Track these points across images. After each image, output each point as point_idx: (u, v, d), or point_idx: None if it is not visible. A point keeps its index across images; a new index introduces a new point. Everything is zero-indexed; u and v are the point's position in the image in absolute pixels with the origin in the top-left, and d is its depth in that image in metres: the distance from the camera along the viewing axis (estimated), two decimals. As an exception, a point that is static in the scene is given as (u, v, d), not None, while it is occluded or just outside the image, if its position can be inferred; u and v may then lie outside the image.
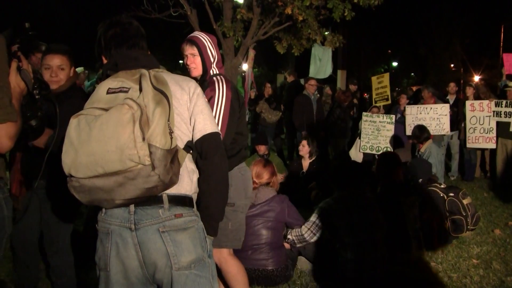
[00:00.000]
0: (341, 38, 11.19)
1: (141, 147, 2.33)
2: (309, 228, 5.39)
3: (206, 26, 10.25)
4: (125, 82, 2.56)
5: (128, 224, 2.56)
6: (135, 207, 2.55)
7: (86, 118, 2.42)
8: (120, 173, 2.37)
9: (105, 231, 2.62)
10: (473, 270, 5.76)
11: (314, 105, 11.70)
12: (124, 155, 2.33)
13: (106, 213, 2.62)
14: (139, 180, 2.38)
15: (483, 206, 8.80)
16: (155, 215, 2.56)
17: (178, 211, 2.61)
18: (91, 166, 2.37)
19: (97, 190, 2.42)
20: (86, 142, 2.37)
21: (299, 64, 22.40)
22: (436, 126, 11.01)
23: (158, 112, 2.40)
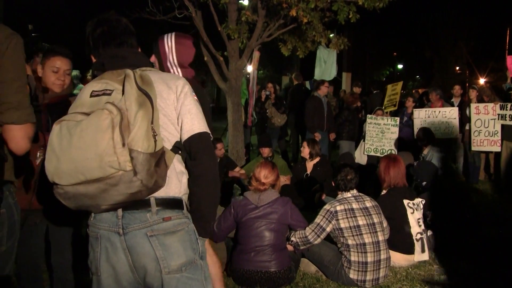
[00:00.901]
0: (346, 40, 11.18)
1: (121, 153, 2.29)
2: (313, 229, 5.39)
3: (211, 28, 10.27)
4: (109, 84, 2.49)
5: (116, 228, 2.53)
6: (123, 211, 2.52)
7: (68, 124, 2.39)
8: (101, 179, 2.33)
9: (95, 236, 2.60)
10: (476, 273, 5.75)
11: (325, 107, 11.74)
12: (103, 162, 2.29)
13: (95, 218, 2.59)
14: (122, 186, 2.35)
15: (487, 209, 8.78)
16: (143, 219, 2.52)
17: (167, 214, 2.56)
18: (73, 173, 2.35)
19: (81, 196, 2.40)
20: (67, 149, 2.34)
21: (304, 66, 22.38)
22: (445, 130, 11.02)
23: (140, 115, 2.35)
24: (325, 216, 5.40)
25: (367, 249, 5.31)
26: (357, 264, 5.30)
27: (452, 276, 5.67)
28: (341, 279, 5.41)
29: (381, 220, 5.56)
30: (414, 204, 6.10)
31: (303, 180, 9.05)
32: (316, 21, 9.58)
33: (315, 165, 9.05)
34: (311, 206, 7.92)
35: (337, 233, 5.43)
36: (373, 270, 5.32)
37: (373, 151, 11.48)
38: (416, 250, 5.97)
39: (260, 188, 5.43)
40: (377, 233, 5.41)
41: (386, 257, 5.46)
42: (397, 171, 6.20)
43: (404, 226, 5.97)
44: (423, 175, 7.33)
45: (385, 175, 6.24)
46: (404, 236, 5.95)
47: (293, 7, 8.99)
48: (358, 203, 5.50)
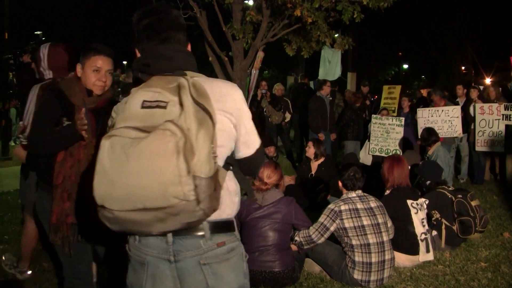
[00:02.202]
0: (350, 40, 11.17)
1: (186, 182, 2.04)
2: (317, 229, 5.39)
3: (215, 28, 10.28)
4: (161, 94, 2.21)
5: (166, 255, 2.32)
6: (173, 237, 2.30)
7: (121, 142, 2.11)
8: (161, 209, 2.08)
9: (140, 261, 2.38)
10: (481, 273, 5.73)
11: (327, 107, 11.76)
12: (167, 192, 2.04)
13: (141, 242, 2.37)
14: (182, 216, 2.11)
15: (492, 209, 8.76)
16: (196, 246, 2.32)
17: (220, 239, 2.36)
18: (129, 200, 2.09)
19: (134, 223, 2.16)
20: (122, 173, 2.09)
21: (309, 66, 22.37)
22: (448, 129, 10.99)
23: (201, 136, 2.09)
24: (329, 216, 5.40)
25: (372, 249, 5.31)
26: (361, 265, 5.30)
27: (458, 276, 5.66)
28: (345, 279, 5.41)
29: (386, 220, 5.56)
30: (417, 204, 6.10)
31: (308, 180, 9.05)
32: (321, 21, 9.58)
33: (320, 165, 9.05)
34: (316, 206, 7.92)
35: (341, 233, 5.42)
36: (378, 271, 5.31)
37: (378, 151, 11.48)
38: (420, 251, 5.97)
39: (262, 187, 5.43)
40: (381, 234, 5.41)
41: (391, 257, 5.46)
42: (401, 171, 6.20)
43: (408, 227, 5.97)
44: (428, 175, 7.32)
45: (389, 175, 6.24)
46: (408, 236, 5.95)
47: (298, 7, 8.99)
48: (362, 203, 5.50)
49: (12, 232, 7.00)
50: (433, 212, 6.51)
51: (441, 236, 6.52)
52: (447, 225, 6.54)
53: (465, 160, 11.80)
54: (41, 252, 6.17)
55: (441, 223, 6.52)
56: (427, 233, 6.10)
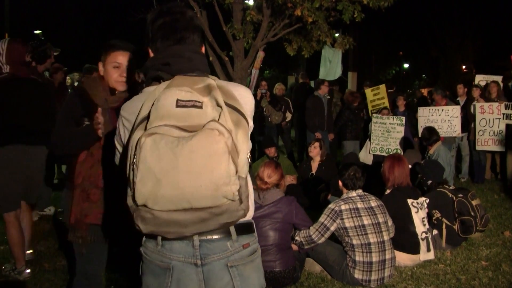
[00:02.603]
0: (351, 40, 11.18)
1: (235, 182, 2.06)
2: (317, 229, 5.39)
3: (216, 28, 10.29)
4: (194, 94, 2.17)
5: (193, 259, 2.30)
6: (199, 240, 2.29)
7: (165, 139, 2.06)
8: (207, 209, 2.08)
9: (164, 266, 2.32)
10: (482, 272, 5.74)
11: (325, 107, 11.77)
12: (219, 191, 2.04)
13: (164, 246, 2.32)
14: (225, 216, 2.11)
15: (493, 208, 8.76)
16: (224, 249, 2.31)
17: (245, 240, 2.39)
18: (176, 200, 2.05)
19: (173, 223, 2.11)
20: (172, 172, 2.03)
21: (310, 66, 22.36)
22: (447, 128, 10.99)
23: (241, 136, 2.11)
24: (330, 215, 5.40)
25: (372, 249, 5.31)
26: (362, 264, 5.30)
27: (459, 275, 5.66)
28: (346, 278, 5.41)
29: (386, 219, 5.56)
30: (418, 203, 6.10)
31: (309, 180, 9.06)
32: (321, 20, 9.58)
33: (320, 165, 9.06)
34: (317, 205, 7.92)
35: (341, 232, 5.43)
36: (378, 270, 5.32)
37: (378, 150, 11.46)
38: (421, 250, 5.97)
39: (262, 187, 5.44)
40: (382, 233, 5.41)
41: (391, 256, 5.46)
42: (401, 170, 6.20)
43: (408, 226, 5.97)
44: (430, 174, 7.32)
45: (389, 175, 6.25)
46: (409, 235, 5.95)
47: (298, 6, 8.99)
48: (363, 202, 5.50)
49: (13, 233, 6.99)
50: (434, 211, 6.51)
51: (442, 236, 6.52)
52: (448, 225, 6.53)
53: (466, 159, 11.79)
54: (41, 253, 6.19)
55: (442, 223, 6.52)
56: (428, 232, 6.10)
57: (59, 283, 5.28)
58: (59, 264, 5.85)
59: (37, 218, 7.56)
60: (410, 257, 5.94)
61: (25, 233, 5.61)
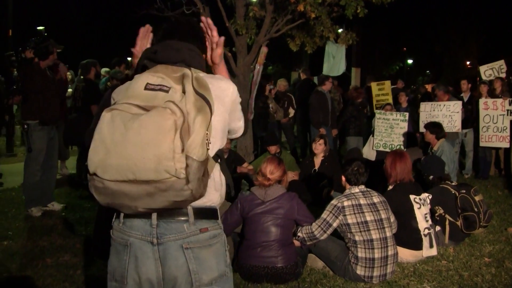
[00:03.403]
0: (354, 35, 11.14)
1: (179, 159, 2.13)
2: (319, 225, 5.38)
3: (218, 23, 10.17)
4: (165, 80, 2.30)
5: (150, 238, 2.39)
6: (157, 220, 2.38)
7: (121, 115, 2.21)
8: (151, 182, 2.17)
9: (123, 243, 2.44)
10: (485, 269, 5.72)
11: (329, 103, 11.77)
12: (161, 165, 2.13)
13: (125, 224, 2.44)
14: (170, 192, 2.19)
15: (497, 204, 8.75)
16: (180, 230, 2.39)
17: (204, 225, 2.44)
18: (122, 170, 2.17)
19: (122, 195, 2.23)
20: (120, 143, 2.17)
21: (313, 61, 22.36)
22: (448, 123, 10.95)
23: (199, 120, 2.21)
24: (332, 212, 5.39)
25: (375, 245, 5.30)
26: (364, 260, 5.29)
27: (461, 272, 5.64)
28: (348, 274, 5.40)
29: (389, 215, 5.55)
30: (420, 199, 6.09)
31: (311, 176, 9.05)
32: (324, 16, 9.55)
33: (323, 161, 9.05)
34: (319, 201, 7.91)
35: (344, 229, 5.42)
36: (380, 266, 5.31)
37: (382, 146, 11.44)
38: (424, 246, 5.96)
39: (265, 183, 5.44)
40: (384, 229, 5.40)
41: (394, 253, 5.45)
42: (404, 166, 6.19)
43: (411, 222, 5.96)
44: (430, 170, 7.30)
45: (392, 170, 6.24)
46: (411, 231, 5.94)
47: (301, 2, 8.96)
48: (365, 198, 5.49)
49: (16, 228, 7.02)
50: (437, 208, 6.49)
51: (445, 232, 6.51)
52: (451, 221, 6.52)
53: (470, 155, 11.77)
54: (44, 248, 6.20)
55: (445, 219, 6.51)
56: (430, 228, 6.09)
57: (62, 278, 5.29)
58: (62, 260, 5.85)
59: (40, 214, 7.58)
60: (412, 253, 5.93)
61: None
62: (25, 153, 7.77)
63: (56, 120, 7.78)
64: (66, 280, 5.26)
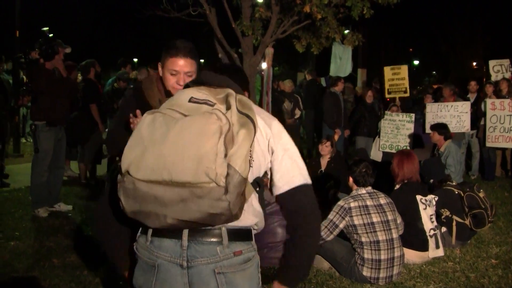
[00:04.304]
0: (360, 36, 11.11)
1: (221, 165, 2.01)
2: (326, 226, 5.38)
3: (224, 25, 10.27)
4: (209, 96, 2.22)
5: (179, 260, 2.25)
6: (188, 241, 2.24)
7: (164, 117, 2.14)
8: (187, 185, 2.02)
9: (151, 263, 2.32)
10: (492, 270, 5.72)
11: (341, 103, 11.80)
12: (201, 165, 2.00)
13: (153, 243, 2.31)
14: (206, 201, 2.03)
15: (503, 205, 8.73)
16: (212, 253, 2.25)
17: (238, 247, 2.30)
18: (158, 168, 2.05)
19: (153, 199, 2.08)
20: (159, 142, 2.07)
21: (319, 62, 22.35)
22: (456, 124, 10.94)
23: (242, 133, 2.10)
24: (339, 213, 5.39)
25: (381, 246, 5.30)
26: (370, 262, 5.29)
27: (468, 273, 5.63)
28: (354, 276, 5.40)
29: (395, 217, 5.54)
30: (426, 200, 6.09)
31: (318, 177, 9.04)
32: (330, 17, 9.54)
33: (330, 162, 9.04)
34: (326, 202, 7.90)
35: (350, 230, 5.42)
36: (387, 268, 5.30)
37: (388, 147, 11.44)
38: (430, 247, 5.96)
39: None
40: (391, 231, 5.40)
41: (400, 254, 5.45)
42: (411, 166, 6.19)
43: (416, 223, 5.96)
44: (430, 173, 7.30)
45: (399, 170, 6.23)
46: (417, 233, 5.93)
47: (307, 3, 8.95)
48: (372, 200, 5.49)
49: (23, 229, 7.04)
50: (443, 210, 6.49)
51: (452, 233, 6.50)
52: (458, 221, 6.51)
53: (476, 156, 11.76)
54: (51, 249, 6.22)
55: (452, 220, 6.50)
56: (436, 229, 6.08)
57: (68, 279, 5.30)
58: (68, 260, 5.87)
59: (47, 215, 7.60)
60: (418, 254, 5.93)
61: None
62: (32, 153, 7.79)
63: (64, 121, 7.80)
64: (73, 280, 5.27)
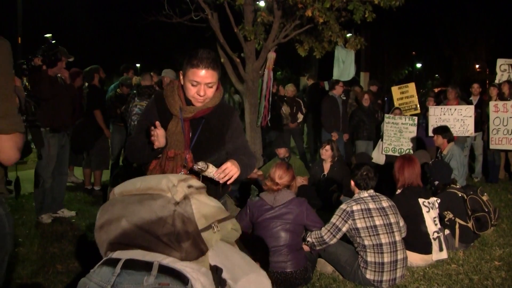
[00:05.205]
0: (362, 40, 11.13)
1: (182, 186, 2.51)
2: (329, 230, 5.38)
3: (227, 29, 10.30)
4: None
5: (105, 284, 2.34)
6: (121, 269, 2.35)
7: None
8: (148, 190, 2.55)
9: (83, 286, 2.48)
10: (495, 272, 5.70)
11: (340, 107, 11.75)
12: (164, 178, 2.59)
13: (95, 271, 2.48)
14: (158, 202, 2.44)
15: (507, 208, 8.71)
16: (138, 281, 2.30)
17: (166, 280, 2.32)
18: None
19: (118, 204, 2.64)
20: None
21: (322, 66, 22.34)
22: (460, 128, 10.93)
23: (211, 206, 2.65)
24: (341, 216, 5.39)
25: (384, 249, 5.30)
26: (373, 265, 5.29)
27: (471, 276, 5.62)
28: (358, 279, 5.40)
29: (398, 220, 5.54)
30: (429, 203, 6.09)
31: (321, 181, 9.05)
32: (332, 21, 9.56)
33: (332, 166, 9.04)
34: (329, 206, 7.91)
35: (353, 233, 5.41)
36: (390, 271, 5.30)
37: (391, 150, 11.44)
38: (433, 250, 5.95)
39: (273, 188, 5.44)
40: (394, 233, 5.39)
41: (403, 257, 5.44)
42: (412, 171, 6.19)
43: (420, 225, 5.95)
44: (437, 175, 7.29)
45: (400, 175, 6.23)
46: (421, 235, 5.93)
47: (309, 7, 8.98)
48: (374, 203, 5.49)
49: (27, 235, 7.05)
50: (446, 213, 6.48)
51: (455, 236, 6.49)
52: (461, 224, 6.50)
53: (479, 158, 11.74)
54: (55, 255, 6.22)
55: (455, 223, 6.49)
56: (440, 232, 6.08)
57: (72, 285, 5.30)
58: (72, 266, 5.87)
59: (50, 221, 7.61)
60: (422, 257, 5.92)
61: None
62: (36, 160, 7.80)
63: (68, 127, 7.82)
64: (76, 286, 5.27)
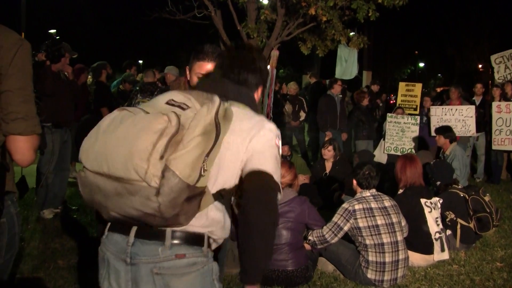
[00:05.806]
0: (365, 39, 11.14)
1: (154, 164, 2.00)
2: (330, 228, 5.38)
3: (230, 27, 10.31)
4: (190, 101, 2.23)
5: (123, 256, 2.25)
6: (135, 237, 2.23)
7: (127, 113, 2.17)
8: (121, 180, 2.05)
9: (102, 256, 2.37)
10: (497, 273, 5.70)
11: (338, 106, 11.72)
12: (130, 161, 2.02)
13: (107, 237, 2.34)
14: (137, 198, 2.05)
15: (509, 208, 8.70)
16: (153, 253, 2.21)
17: (181, 251, 2.22)
18: (99, 159, 2.11)
19: (97, 190, 2.14)
20: (109, 133, 2.12)
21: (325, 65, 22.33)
22: (461, 128, 10.92)
23: (196, 140, 2.06)
24: (343, 215, 5.39)
25: (385, 249, 5.29)
26: (375, 264, 5.29)
27: (473, 276, 5.62)
28: (359, 278, 5.39)
29: (400, 219, 5.53)
30: (431, 203, 6.07)
31: (322, 179, 9.04)
32: (336, 19, 9.57)
33: (334, 164, 9.04)
34: (331, 205, 7.90)
35: (355, 232, 5.41)
36: (391, 270, 5.29)
37: (393, 150, 11.44)
38: (435, 250, 5.94)
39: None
40: (395, 233, 5.39)
41: (405, 257, 5.44)
42: (414, 170, 6.17)
43: (422, 226, 5.94)
44: (439, 175, 7.28)
45: (402, 175, 6.22)
46: (422, 235, 5.92)
47: (312, 5, 8.98)
48: (376, 202, 5.48)
49: (28, 230, 7.05)
50: (447, 213, 6.48)
51: (456, 236, 6.48)
52: (463, 224, 6.49)
53: (482, 159, 11.73)
54: (56, 250, 6.23)
55: (457, 223, 6.48)
56: (441, 232, 6.07)
57: (73, 280, 5.31)
58: (73, 261, 5.87)
59: (52, 216, 7.61)
60: (423, 257, 5.91)
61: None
62: (38, 155, 7.81)
63: (70, 123, 7.83)
64: (78, 282, 5.28)
